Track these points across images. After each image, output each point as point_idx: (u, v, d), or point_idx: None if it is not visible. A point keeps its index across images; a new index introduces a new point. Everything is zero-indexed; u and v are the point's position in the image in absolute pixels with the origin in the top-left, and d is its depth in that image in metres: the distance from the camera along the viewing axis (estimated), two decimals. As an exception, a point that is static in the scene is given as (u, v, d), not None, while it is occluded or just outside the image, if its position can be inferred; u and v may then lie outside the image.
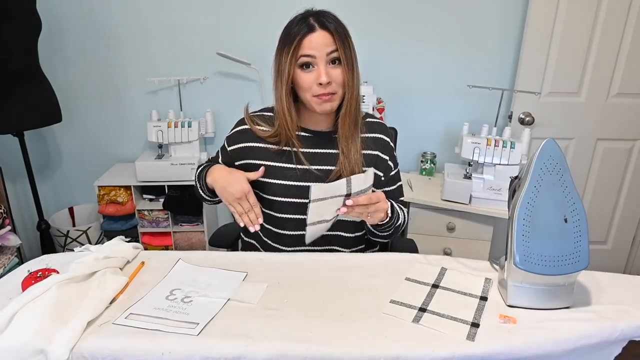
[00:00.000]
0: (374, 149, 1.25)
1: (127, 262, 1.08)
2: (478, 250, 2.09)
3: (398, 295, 0.95)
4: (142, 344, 0.81)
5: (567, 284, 0.89)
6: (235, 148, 1.25)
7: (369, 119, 1.29)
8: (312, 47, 1.09)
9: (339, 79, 1.12)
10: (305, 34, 1.09)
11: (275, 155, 1.21)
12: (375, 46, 2.27)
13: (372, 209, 1.09)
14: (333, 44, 1.10)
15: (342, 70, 1.12)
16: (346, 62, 1.11)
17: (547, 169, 0.89)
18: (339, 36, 1.10)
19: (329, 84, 1.10)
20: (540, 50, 2.09)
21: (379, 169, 1.25)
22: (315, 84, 1.10)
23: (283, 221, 1.23)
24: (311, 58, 1.10)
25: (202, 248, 2.29)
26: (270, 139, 1.21)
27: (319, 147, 1.23)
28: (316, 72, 1.10)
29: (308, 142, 1.22)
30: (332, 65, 1.11)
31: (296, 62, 1.11)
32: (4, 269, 1.96)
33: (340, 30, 1.11)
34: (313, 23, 1.10)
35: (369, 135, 1.25)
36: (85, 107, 2.40)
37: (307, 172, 1.20)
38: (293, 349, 0.79)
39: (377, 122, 1.30)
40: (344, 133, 1.19)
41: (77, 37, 2.28)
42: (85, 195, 2.48)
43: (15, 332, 0.81)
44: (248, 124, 1.24)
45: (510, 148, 1.94)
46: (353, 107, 1.17)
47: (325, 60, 1.10)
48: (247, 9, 2.22)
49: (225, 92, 2.36)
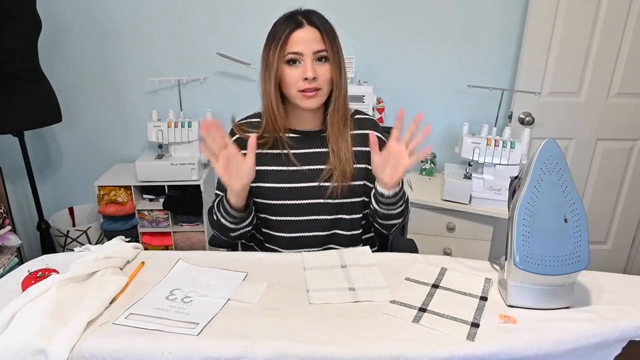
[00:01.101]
0: (365, 146, 1.24)
1: (127, 262, 1.08)
2: (478, 250, 2.09)
3: (398, 295, 0.95)
4: (142, 344, 0.81)
5: (567, 284, 0.89)
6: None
7: (358, 115, 1.29)
8: (299, 42, 1.10)
9: (325, 75, 1.12)
10: (293, 29, 1.10)
11: (267, 159, 1.21)
12: (376, 46, 2.27)
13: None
14: (320, 41, 1.11)
15: (329, 68, 1.12)
16: (333, 60, 1.12)
17: (547, 169, 0.89)
18: (327, 34, 1.11)
19: (315, 79, 1.10)
20: (540, 50, 2.09)
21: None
22: (301, 79, 1.11)
23: (279, 224, 1.23)
24: (298, 55, 1.10)
25: (202, 248, 2.29)
26: (260, 141, 1.20)
27: (308, 146, 1.22)
28: (302, 68, 1.11)
29: (297, 143, 1.22)
30: (319, 62, 1.12)
31: (283, 58, 1.11)
32: (4, 269, 1.96)
33: (328, 29, 1.12)
34: (301, 19, 1.11)
35: (360, 132, 1.25)
36: (85, 107, 2.40)
37: (298, 173, 1.20)
38: (293, 349, 0.79)
39: (367, 119, 1.30)
40: (333, 131, 1.19)
41: (77, 37, 2.28)
42: (85, 195, 2.48)
43: (15, 332, 0.81)
44: (238, 134, 1.23)
45: (510, 148, 1.94)
46: (341, 105, 1.18)
47: (312, 56, 1.10)
48: (247, 9, 2.22)
49: (225, 92, 2.36)
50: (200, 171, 2.23)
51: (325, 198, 1.21)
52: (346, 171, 1.18)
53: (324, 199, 1.21)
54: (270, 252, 1.25)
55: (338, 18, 1.20)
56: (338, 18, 1.20)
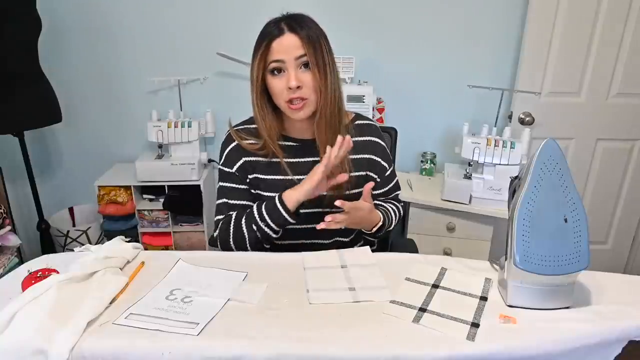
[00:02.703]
0: (365, 153, 1.23)
1: (127, 262, 1.08)
2: (478, 250, 2.09)
3: (398, 295, 0.95)
4: (142, 344, 0.81)
5: (567, 284, 0.89)
6: (239, 166, 1.21)
7: (359, 121, 1.26)
8: (281, 51, 1.07)
9: (310, 83, 1.08)
10: (273, 37, 1.07)
11: (266, 167, 1.20)
12: (376, 46, 2.27)
13: (355, 216, 1.11)
14: (301, 48, 1.07)
15: (313, 75, 1.08)
16: (317, 67, 1.07)
17: (547, 169, 0.89)
18: (309, 40, 1.07)
19: (299, 88, 1.07)
20: (540, 50, 2.09)
21: (374, 171, 1.25)
22: (286, 89, 1.08)
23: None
24: (280, 63, 1.07)
25: (202, 248, 2.29)
26: (260, 152, 1.19)
27: (301, 155, 1.21)
28: (286, 77, 1.08)
29: (292, 151, 1.21)
30: (303, 69, 1.08)
31: (266, 67, 1.08)
32: (4, 269, 1.96)
33: (311, 34, 1.08)
34: (283, 27, 1.07)
35: (359, 139, 1.23)
36: (85, 107, 2.40)
37: (291, 182, 1.18)
38: (293, 349, 0.79)
39: (367, 124, 1.27)
40: (321, 141, 1.15)
41: (77, 37, 2.28)
42: (85, 195, 2.48)
43: (15, 332, 0.81)
44: (237, 140, 1.20)
45: (510, 148, 1.94)
46: (328, 113, 1.13)
47: (294, 64, 1.07)
48: (247, 9, 2.22)
49: (225, 92, 2.36)
50: (200, 171, 2.23)
51: (322, 207, 1.19)
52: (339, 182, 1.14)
53: (321, 208, 1.19)
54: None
55: (338, 18, 1.20)
56: (338, 18, 1.20)
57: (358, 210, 1.12)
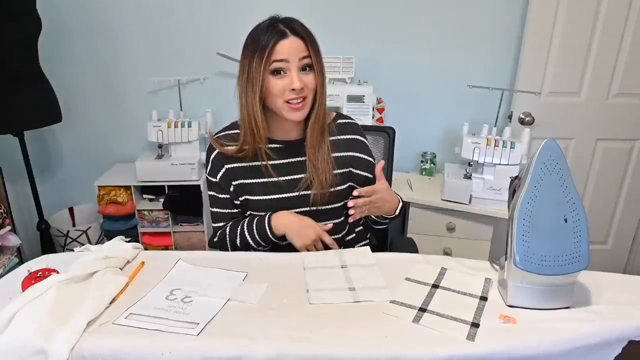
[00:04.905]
0: (348, 151, 1.25)
1: (127, 262, 1.08)
2: (478, 250, 2.09)
3: (398, 295, 0.95)
4: (142, 344, 0.81)
5: (567, 284, 0.89)
6: (222, 174, 1.22)
7: (340, 120, 1.29)
8: (285, 52, 1.08)
9: (311, 84, 1.12)
10: (278, 40, 1.08)
11: (250, 172, 1.21)
12: (376, 46, 2.27)
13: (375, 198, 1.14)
14: (305, 50, 1.10)
15: (314, 76, 1.12)
16: (318, 68, 1.12)
17: (547, 169, 0.89)
18: (311, 42, 1.11)
19: (302, 89, 1.10)
20: (540, 50, 2.09)
21: (360, 168, 1.26)
22: (287, 89, 1.10)
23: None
24: (284, 63, 1.09)
25: (202, 248, 2.29)
26: (239, 154, 1.20)
27: (288, 156, 1.22)
28: (288, 78, 1.10)
29: (278, 153, 1.22)
30: (304, 71, 1.12)
31: (268, 69, 1.10)
32: (4, 269, 1.96)
33: (311, 37, 1.12)
34: (284, 29, 1.09)
35: (341, 138, 1.26)
36: (85, 107, 2.40)
37: (278, 183, 1.20)
38: (293, 349, 0.79)
39: (349, 123, 1.30)
40: (312, 141, 1.19)
41: (77, 37, 2.28)
42: (85, 195, 2.48)
43: (15, 332, 0.81)
44: (217, 148, 1.21)
45: (510, 148, 1.94)
46: (322, 114, 1.18)
47: (297, 66, 1.10)
48: (247, 9, 2.22)
49: (225, 92, 2.36)
50: (200, 171, 2.23)
51: (308, 206, 1.21)
52: (324, 179, 1.18)
53: (307, 207, 1.21)
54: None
55: (338, 18, 1.20)
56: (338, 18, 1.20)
57: (377, 192, 1.15)
